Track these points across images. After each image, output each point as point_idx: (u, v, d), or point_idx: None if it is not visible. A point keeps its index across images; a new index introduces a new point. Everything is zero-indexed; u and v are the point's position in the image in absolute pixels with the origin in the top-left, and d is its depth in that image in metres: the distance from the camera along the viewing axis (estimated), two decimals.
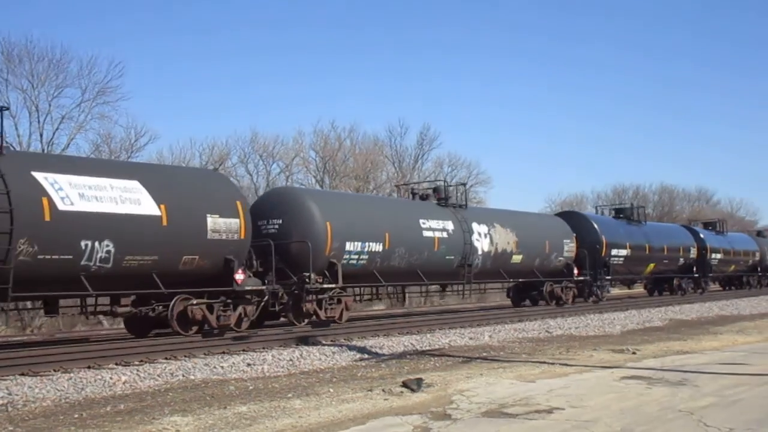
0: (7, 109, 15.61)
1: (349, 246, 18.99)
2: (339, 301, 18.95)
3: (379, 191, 45.42)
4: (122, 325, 25.53)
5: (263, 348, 14.39)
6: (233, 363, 12.40)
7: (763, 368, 10.88)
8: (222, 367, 12.04)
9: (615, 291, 39.25)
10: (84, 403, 9.07)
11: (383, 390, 9.40)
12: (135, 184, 14.82)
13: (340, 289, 18.84)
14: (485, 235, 23.85)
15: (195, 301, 15.65)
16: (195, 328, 15.89)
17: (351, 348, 14.44)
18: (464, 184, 25.09)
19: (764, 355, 12.77)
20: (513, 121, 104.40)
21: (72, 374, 11.14)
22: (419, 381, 9.76)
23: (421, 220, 21.57)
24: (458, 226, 22.78)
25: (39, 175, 13.34)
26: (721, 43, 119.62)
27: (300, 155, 45.61)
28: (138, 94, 73.89)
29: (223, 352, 13.75)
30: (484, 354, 13.62)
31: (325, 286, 18.30)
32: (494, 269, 24.54)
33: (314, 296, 18.11)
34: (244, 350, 14.09)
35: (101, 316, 27.68)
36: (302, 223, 18.30)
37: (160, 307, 15.34)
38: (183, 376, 11.25)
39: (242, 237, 16.36)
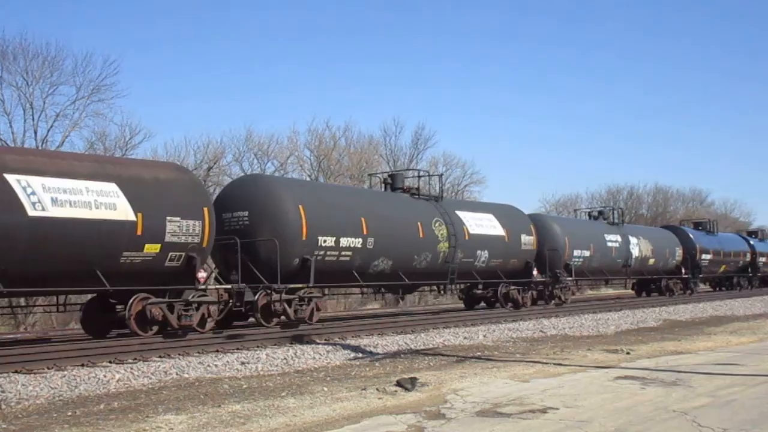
0: (441, 175, 24.68)
1: (575, 252, 28.31)
2: (568, 289, 28.40)
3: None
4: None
5: (257, 346, 14.35)
6: (227, 361, 12.37)
7: (756, 369, 10.91)
8: (216, 365, 12.02)
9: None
10: (78, 401, 9.05)
11: (377, 389, 9.40)
12: (491, 217, 24.40)
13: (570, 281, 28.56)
14: (636, 245, 33.13)
15: (513, 287, 24.91)
16: (509, 304, 24.76)
17: (345, 347, 14.42)
18: (621, 208, 34.83)
19: (758, 355, 12.80)
20: (508, 121, 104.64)
21: (66, 372, 11.10)
22: (413, 380, 9.76)
23: (605, 234, 31.07)
24: (622, 238, 32.18)
25: (459, 213, 23.06)
26: (716, 45, 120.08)
27: (295, 154, 45.59)
28: (132, 92, 73.69)
29: (217, 351, 13.70)
30: (479, 353, 13.63)
31: (568, 278, 27.72)
32: (639, 269, 34.06)
33: (559, 285, 27.29)
34: (238, 349, 14.05)
35: None
36: (550, 237, 27.06)
37: (489, 290, 24.84)
38: (177, 374, 11.23)
39: (534, 247, 25.85)
